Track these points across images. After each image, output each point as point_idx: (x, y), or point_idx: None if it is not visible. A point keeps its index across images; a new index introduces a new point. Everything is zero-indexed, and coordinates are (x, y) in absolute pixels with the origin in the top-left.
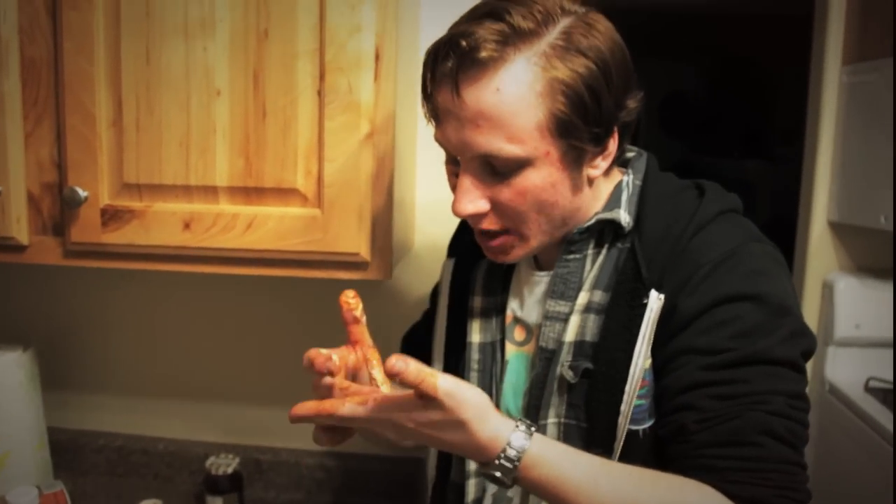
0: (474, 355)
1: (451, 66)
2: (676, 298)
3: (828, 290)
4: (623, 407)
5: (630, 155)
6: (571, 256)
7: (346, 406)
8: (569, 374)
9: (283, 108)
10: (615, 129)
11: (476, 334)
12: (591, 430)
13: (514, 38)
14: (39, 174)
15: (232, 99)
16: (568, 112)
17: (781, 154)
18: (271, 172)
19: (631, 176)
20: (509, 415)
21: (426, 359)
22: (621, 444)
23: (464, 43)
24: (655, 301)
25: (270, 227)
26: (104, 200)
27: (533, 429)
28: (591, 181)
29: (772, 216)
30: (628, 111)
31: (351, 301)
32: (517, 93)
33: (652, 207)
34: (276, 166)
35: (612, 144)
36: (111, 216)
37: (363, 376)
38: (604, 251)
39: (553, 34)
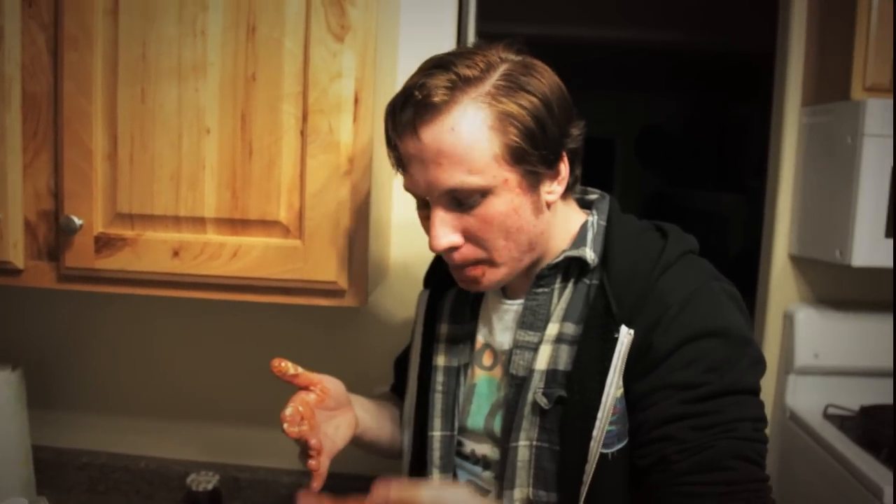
0: (439, 377)
1: (409, 114)
2: (651, 336)
3: (788, 321)
4: (595, 432)
5: (593, 197)
6: (540, 290)
7: None
8: (543, 401)
9: (269, 146)
10: (563, 153)
11: (441, 358)
12: (564, 453)
13: (461, 84)
14: (37, 203)
15: (221, 137)
16: (519, 141)
17: (753, 188)
18: (256, 205)
19: (595, 217)
20: (476, 434)
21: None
22: (593, 466)
23: (417, 94)
24: (626, 335)
25: (254, 256)
26: (98, 228)
27: None
28: (548, 205)
29: (744, 247)
30: (573, 138)
31: (281, 366)
32: (471, 130)
33: (618, 247)
34: (260, 200)
35: (564, 169)
36: (104, 243)
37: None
38: (570, 285)
39: (495, 77)
